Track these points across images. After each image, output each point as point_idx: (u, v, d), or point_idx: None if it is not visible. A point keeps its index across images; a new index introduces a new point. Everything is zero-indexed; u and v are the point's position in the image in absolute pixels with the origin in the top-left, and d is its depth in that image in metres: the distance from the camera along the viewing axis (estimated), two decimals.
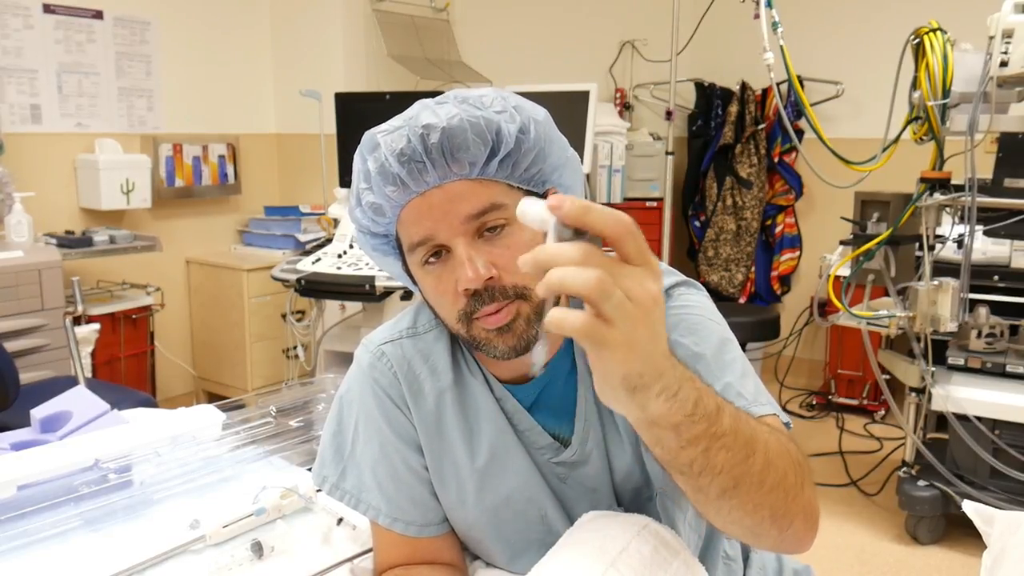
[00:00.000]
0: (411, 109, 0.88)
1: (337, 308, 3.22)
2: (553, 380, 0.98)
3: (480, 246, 0.85)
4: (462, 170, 0.85)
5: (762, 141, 4.20)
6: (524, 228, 0.80)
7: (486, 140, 0.85)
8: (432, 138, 0.83)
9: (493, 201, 0.85)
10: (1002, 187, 2.49)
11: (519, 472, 0.98)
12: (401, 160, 0.85)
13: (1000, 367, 2.54)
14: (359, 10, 3.97)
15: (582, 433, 0.97)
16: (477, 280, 0.84)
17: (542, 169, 0.90)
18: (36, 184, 3.17)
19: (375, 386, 1.01)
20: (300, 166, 4.13)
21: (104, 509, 1.20)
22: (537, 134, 0.88)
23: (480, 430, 0.99)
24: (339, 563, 1.10)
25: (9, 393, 2.13)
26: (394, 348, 1.02)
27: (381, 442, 1.01)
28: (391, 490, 1.01)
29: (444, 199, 0.85)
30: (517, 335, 0.87)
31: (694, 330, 0.92)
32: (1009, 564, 1.21)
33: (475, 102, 0.87)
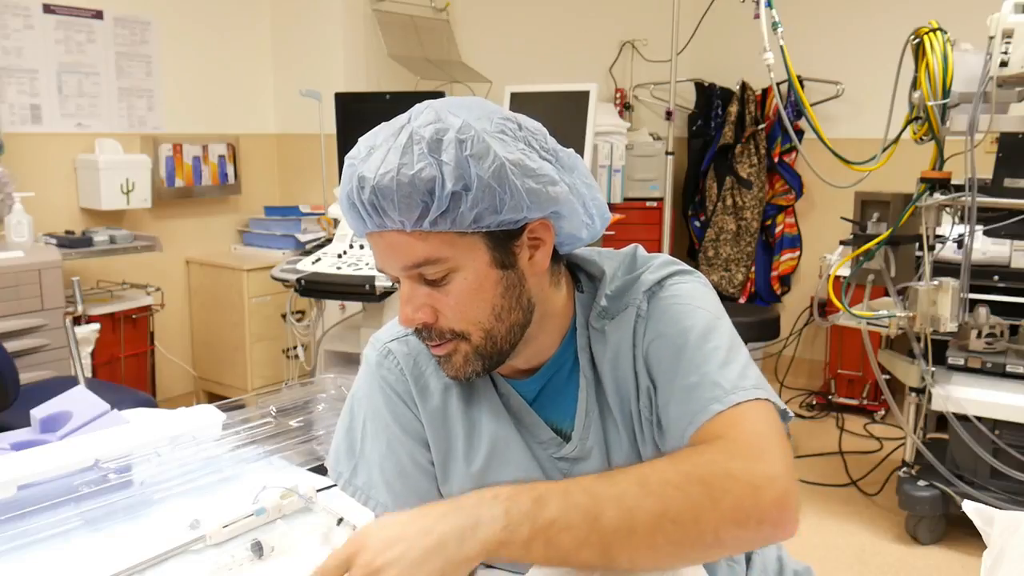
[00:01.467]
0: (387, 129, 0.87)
1: (337, 308, 3.22)
2: (556, 375, 0.99)
3: (422, 288, 0.88)
4: (393, 224, 0.85)
5: (762, 141, 4.20)
6: (469, 275, 0.87)
7: (415, 202, 0.82)
8: (364, 193, 0.84)
9: (428, 256, 0.85)
10: (1002, 187, 2.49)
11: (520, 466, 0.99)
12: (348, 202, 0.87)
13: (1000, 367, 2.54)
14: (359, 10, 3.97)
15: (583, 429, 0.98)
16: (411, 322, 0.89)
17: (496, 220, 0.85)
18: (36, 184, 3.17)
19: (383, 383, 1.02)
20: (300, 166, 4.13)
21: (104, 509, 1.20)
22: (481, 190, 0.82)
23: (482, 424, 0.99)
24: None
25: (9, 393, 2.13)
26: (400, 345, 1.03)
27: (388, 439, 1.02)
28: (398, 487, 1.01)
29: (384, 244, 0.87)
30: (455, 368, 0.92)
31: (677, 320, 0.93)
32: (1009, 564, 1.22)
33: (427, 145, 0.82)
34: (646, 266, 1.00)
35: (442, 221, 0.83)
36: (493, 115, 0.87)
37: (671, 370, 0.91)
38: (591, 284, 1.00)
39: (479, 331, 0.89)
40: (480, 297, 0.88)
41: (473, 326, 0.89)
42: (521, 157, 0.86)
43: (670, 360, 0.91)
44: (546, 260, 0.92)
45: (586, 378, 0.97)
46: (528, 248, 0.90)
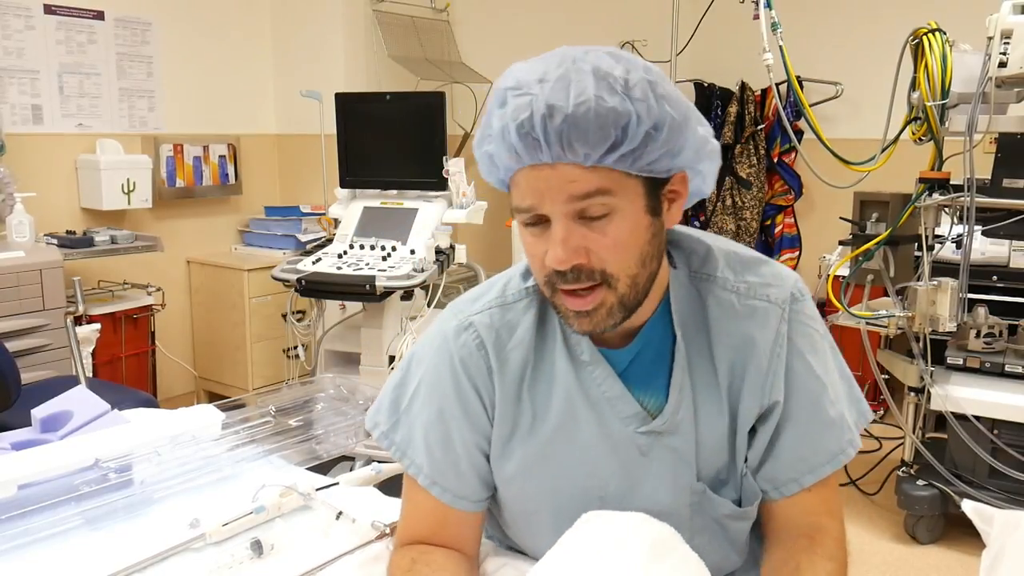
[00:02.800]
0: (552, 65, 0.85)
1: (337, 308, 3.22)
2: (646, 347, 0.98)
3: (578, 228, 0.85)
4: (576, 157, 0.82)
5: (761, 141, 4.20)
6: (627, 216, 0.86)
7: (608, 135, 0.81)
8: (554, 121, 0.81)
9: (600, 187, 0.84)
10: (1001, 187, 2.50)
11: (585, 445, 0.97)
12: (520, 132, 0.83)
13: (999, 367, 2.54)
14: (359, 10, 3.97)
15: (675, 403, 0.96)
16: (565, 263, 0.85)
17: (673, 162, 0.88)
18: (37, 184, 3.17)
19: (454, 358, 1.00)
20: (300, 166, 4.13)
21: (104, 508, 1.20)
22: (671, 130, 0.85)
23: (551, 401, 0.98)
24: (340, 555, 1.11)
25: (10, 393, 2.14)
26: (483, 318, 1.01)
27: (442, 408, 1.00)
28: (438, 454, 1.01)
29: (553, 176, 0.84)
30: (594, 323, 0.90)
31: (816, 348, 0.99)
32: (1008, 563, 1.22)
33: (616, 82, 0.82)
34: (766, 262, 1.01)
35: (625, 159, 0.83)
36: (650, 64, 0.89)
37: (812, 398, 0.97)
38: (683, 258, 1.00)
39: (627, 276, 0.88)
40: (633, 241, 0.87)
41: (623, 271, 0.87)
42: (691, 104, 0.89)
43: (812, 388, 0.98)
44: (680, 213, 0.93)
45: (681, 352, 0.96)
46: (667, 199, 0.91)
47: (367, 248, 2.92)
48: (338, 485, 1.31)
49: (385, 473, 1.41)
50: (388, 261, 2.84)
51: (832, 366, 1.01)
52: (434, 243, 2.88)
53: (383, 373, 2.91)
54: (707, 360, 0.97)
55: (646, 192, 0.87)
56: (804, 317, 0.98)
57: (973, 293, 2.62)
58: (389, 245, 2.89)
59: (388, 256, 2.86)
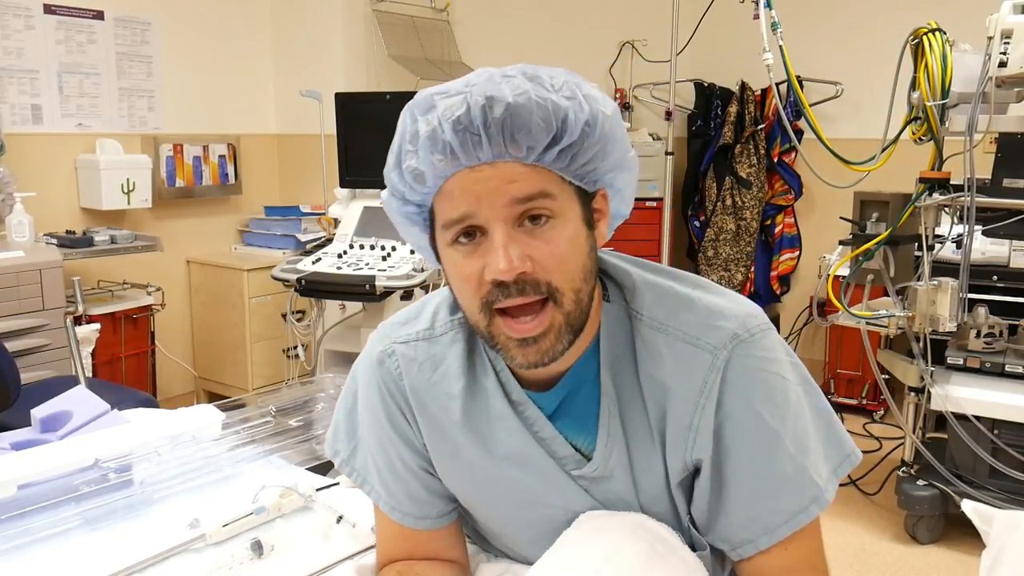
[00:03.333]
0: (473, 75, 0.81)
1: (337, 308, 3.22)
2: (577, 388, 0.91)
3: (519, 235, 0.80)
4: (519, 152, 0.78)
5: (761, 141, 4.20)
6: (568, 224, 0.81)
7: (550, 126, 0.78)
8: (495, 112, 0.77)
9: (544, 188, 0.80)
10: (1001, 187, 2.49)
11: (544, 478, 0.93)
12: (456, 128, 0.78)
13: (999, 367, 2.54)
14: (359, 10, 3.97)
15: (604, 449, 0.90)
16: (509, 272, 0.78)
17: (599, 167, 0.84)
18: (37, 184, 3.17)
19: (381, 385, 0.98)
20: (300, 166, 4.13)
21: (104, 508, 1.20)
22: (603, 129, 0.82)
23: (496, 439, 0.93)
24: (339, 561, 1.11)
25: (10, 393, 2.14)
26: (407, 349, 0.97)
27: (379, 437, 1.00)
28: (389, 480, 1.00)
29: (493, 177, 0.79)
30: (542, 351, 0.83)
31: (771, 396, 0.87)
32: (1008, 563, 1.21)
33: (546, 82, 0.80)
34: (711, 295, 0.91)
35: (562, 157, 0.80)
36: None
37: (760, 452, 0.86)
38: (618, 292, 0.92)
39: (571, 291, 0.82)
40: (576, 251, 0.82)
41: (568, 283, 0.81)
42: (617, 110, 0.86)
43: (761, 440, 0.86)
44: (606, 233, 0.89)
45: (608, 396, 0.90)
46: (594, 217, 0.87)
47: (367, 248, 2.92)
48: (338, 485, 1.31)
49: None
50: (388, 261, 2.84)
51: (796, 412, 0.88)
52: None
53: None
54: (639, 404, 0.89)
55: (580, 202, 0.84)
56: (754, 360, 0.86)
57: (973, 293, 2.62)
58: (389, 245, 2.89)
59: (388, 256, 2.86)
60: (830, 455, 0.91)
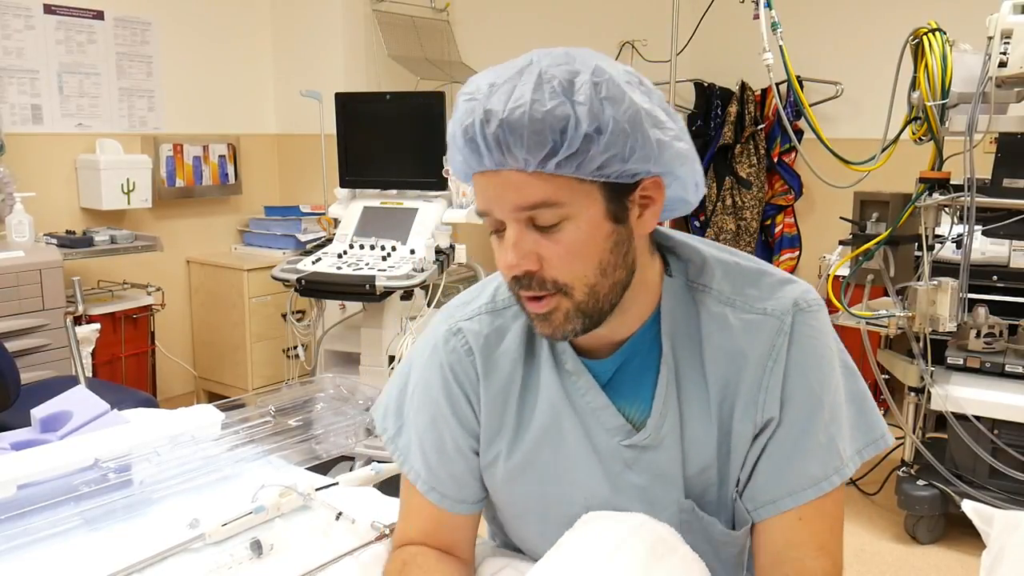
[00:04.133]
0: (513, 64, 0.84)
1: (337, 308, 3.22)
2: (631, 358, 0.95)
3: (530, 233, 0.84)
4: (516, 163, 0.81)
5: (761, 141, 4.20)
6: (582, 224, 0.84)
7: (544, 140, 0.79)
8: (490, 126, 0.80)
9: (546, 198, 0.82)
10: (1001, 187, 2.50)
11: (571, 456, 0.96)
12: (465, 137, 0.83)
13: (999, 367, 2.54)
14: (359, 10, 3.97)
15: (659, 418, 0.93)
16: (515, 269, 0.85)
17: (628, 166, 0.83)
18: (37, 184, 3.17)
19: (443, 364, 1.00)
20: (300, 166, 4.13)
21: (104, 508, 1.20)
22: (615, 133, 0.80)
23: (536, 409, 0.97)
24: (340, 556, 1.11)
25: (10, 393, 2.14)
26: (472, 324, 1.00)
27: (434, 415, 1.01)
28: (434, 460, 1.01)
29: (499, 183, 0.83)
30: (553, 327, 0.88)
31: (820, 365, 0.92)
32: (1008, 563, 1.21)
33: (559, 85, 0.80)
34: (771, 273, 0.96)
35: (567, 164, 0.81)
36: (617, 65, 0.86)
37: (804, 416, 0.91)
38: (682, 268, 0.96)
39: (583, 286, 0.85)
40: (589, 249, 0.84)
41: (578, 280, 0.85)
42: (652, 107, 0.85)
43: (806, 407, 0.91)
44: (655, 220, 0.90)
45: (668, 365, 0.93)
46: (639, 206, 0.87)
47: (367, 248, 2.92)
48: (337, 485, 1.31)
49: (384, 473, 1.41)
50: (388, 261, 2.84)
51: (835, 387, 0.94)
52: (434, 243, 2.88)
53: (383, 373, 2.91)
54: (699, 375, 0.93)
55: (606, 198, 0.84)
56: (810, 330, 0.92)
57: (973, 293, 2.62)
58: (389, 245, 2.89)
59: (388, 256, 2.86)
60: (856, 436, 0.95)
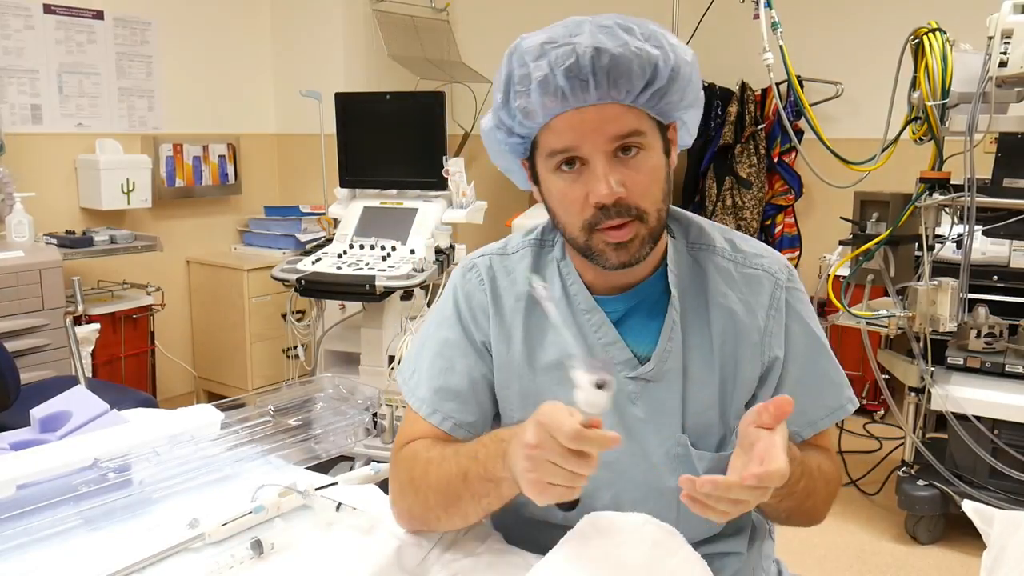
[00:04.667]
0: (571, 24, 0.94)
1: (337, 308, 3.22)
2: (644, 301, 1.05)
3: (615, 165, 0.94)
4: (619, 95, 0.92)
5: (762, 141, 4.20)
6: (653, 155, 0.97)
7: (645, 73, 0.92)
8: (601, 60, 0.89)
9: (639, 127, 0.94)
10: (1001, 187, 2.49)
11: None
12: (568, 75, 0.90)
13: (999, 367, 2.54)
14: (359, 10, 3.97)
15: (663, 352, 1.02)
16: (610, 196, 0.93)
17: (678, 105, 0.98)
18: (37, 184, 3.17)
19: (458, 292, 1.11)
20: (300, 166, 4.13)
21: (103, 508, 1.20)
22: (684, 75, 0.95)
23: (547, 342, 1.05)
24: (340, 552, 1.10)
25: (9, 393, 2.13)
26: (484, 261, 1.12)
27: (446, 339, 1.09)
28: (439, 383, 1.08)
29: (597, 117, 0.92)
30: (631, 253, 0.97)
31: (811, 314, 1.09)
32: (1009, 564, 1.21)
33: (638, 32, 0.93)
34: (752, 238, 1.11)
35: (653, 99, 0.94)
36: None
37: (811, 357, 1.07)
38: (681, 231, 1.09)
39: (655, 211, 0.97)
40: (659, 177, 0.97)
41: (653, 205, 0.96)
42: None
43: (811, 348, 1.07)
44: (675, 160, 1.02)
45: (674, 308, 1.03)
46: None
47: (367, 248, 2.92)
48: (337, 484, 1.31)
49: (384, 473, 1.41)
50: (388, 261, 2.84)
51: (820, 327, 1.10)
52: (434, 243, 2.88)
53: (383, 373, 2.90)
54: (703, 321, 1.04)
55: (661, 135, 0.98)
56: (799, 285, 1.09)
57: (973, 293, 2.62)
58: (389, 245, 2.89)
59: (388, 256, 2.86)
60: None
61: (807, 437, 1.08)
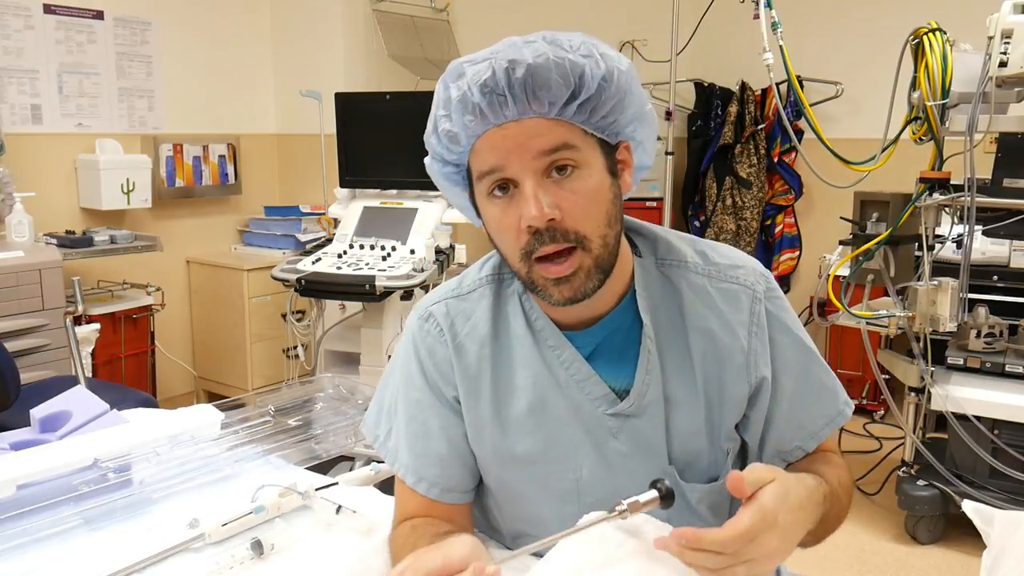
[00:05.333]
0: (499, 44, 0.90)
1: (337, 308, 3.22)
2: (615, 331, 0.99)
3: (548, 186, 0.88)
4: (541, 108, 0.86)
5: (762, 141, 4.20)
6: (592, 174, 0.90)
7: (568, 82, 0.86)
8: (516, 73, 0.85)
9: (567, 140, 0.87)
10: (1001, 187, 2.50)
11: (557, 428, 0.98)
12: (483, 91, 0.86)
13: (999, 367, 2.54)
14: (359, 10, 3.97)
15: (641, 386, 0.97)
16: (540, 218, 0.86)
17: (618, 120, 0.92)
18: (37, 184, 3.17)
19: (419, 348, 1.04)
20: (300, 166, 4.13)
21: (103, 508, 1.20)
22: (619, 84, 0.89)
23: (516, 385, 0.99)
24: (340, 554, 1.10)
25: (9, 393, 2.13)
26: (439, 308, 1.04)
27: (417, 400, 1.03)
28: (419, 447, 1.03)
29: (519, 133, 0.87)
30: (574, 288, 0.90)
31: (797, 322, 1.03)
32: (1009, 564, 1.21)
33: (564, 44, 0.88)
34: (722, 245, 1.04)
35: (582, 110, 0.88)
36: None
37: (803, 367, 1.01)
38: (648, 247, 1.02)
39: (598, 236, 0.90)
40: (600, 197, 0.90)
41: (594, 230, 0.89)
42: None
43: (800, 357, 1.01)
44: (631, 182, 0.96)
45: (649, 337, 0.97)
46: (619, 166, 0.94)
47: (367, 248, 2.92)
48: (337, 485, 1.30)
49: (384, 473, 1.41)
50: (388, 261, 2.84)
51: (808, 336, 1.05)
52: (434, 243, 2.88)
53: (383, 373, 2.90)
54: (681, 345, 0.98)
55: (603, 153, 0.91)
56: (777, 292, 1.02)
57: (973, 293, 2.62)
58: (389, 245, 2.89)
59: (388, 256, 2.86)
60: None
61: (811, 449, 1.04)
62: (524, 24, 4.21)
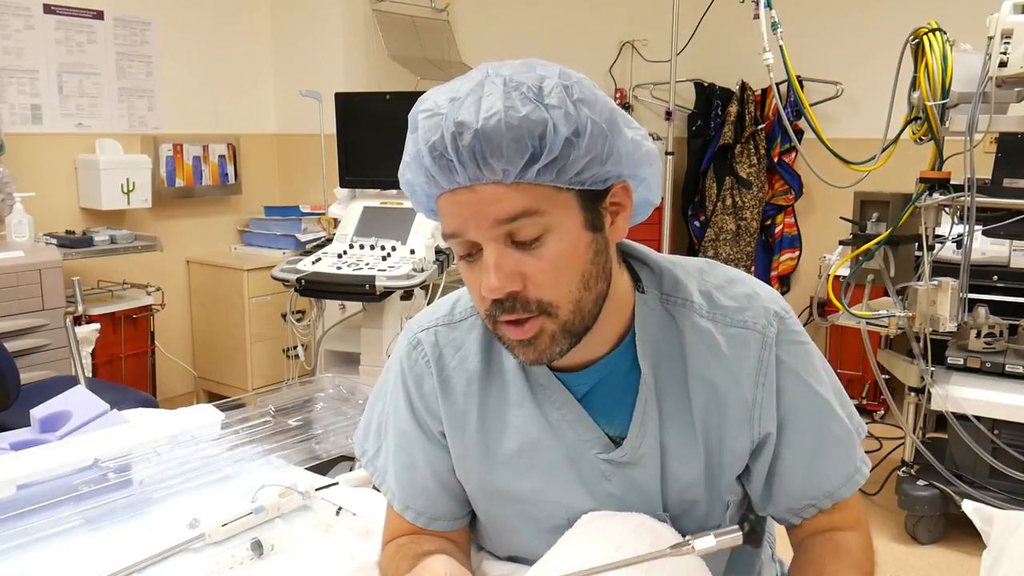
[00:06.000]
0: (464, 81, 0.80)
1: (337, 308, 3.22)
2: (610, 376, 0.92)
3: (511, 252, 0.80)
4: (494, 175, 0.77)
5: (762, 141, 4.20)
6: (563, 236, 0.81)
7: (524, 147, 0.76)
8: (463, 139, 0.76)
9: (526, 208, 0.78)
10: (1001, 187, 2.50)
11: (550, 468, 0.94)
12: (433, 155, 0.78)
13: (999, 367, 2.54)
14: (359, 10, 3.97)
15: (636, 437, 0.91)
16: (498, 291, 0.80)
17: (602, 170, 0.81)
18: (37, 184, 3.17)
19: (407, 378, 0.99)
20: (300, 166, 4.13)
21: (104, 508, 1.20)
22: (594, 136, 0.79)
23: (509, 426, 0.94)
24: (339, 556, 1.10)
25: (9, 393, 2.13)
26: (428, 336, 0.98)
27: (404, 431, 1.00)
28: (406, 477, 1.00)
29: (474, 200, 0.79)
30: (539, 351, 0.84)
31: (814, 366, 0.94)
32: (1009, 563, 1.21)
33: (529, 91, 0.77)
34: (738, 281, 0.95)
35: (547, 171, 0.77)
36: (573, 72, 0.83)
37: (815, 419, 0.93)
38: (654, 280, 0.94)
39: (568, 303, 0.82)
40: (573, 262, 0.81)
41: (563, 297, 0.81)
42: (617, 108, 0.83)
43: (813, 409, 0.93)
44: (626, 226, 0.87)
45: (647, 387, 0.90)
46: (610, 213, 0.85)
47: (367, 248, 2.92)
48: (337, 485, 1.31)
49: None
50: (388, 261, 2.84)
51: (830, 380, 0.96)
52: (434, 243, 2.88)
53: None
54: (681, 393, 0.91)
55: (582, 207, 0.81)
56: (792, 335, 0.92)
57: (973, 293, 2.61)
58: (389, 245, 2.89)
59: (388, 256, 2.86)
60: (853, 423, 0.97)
61: (826, 508, 0.94)
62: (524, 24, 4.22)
